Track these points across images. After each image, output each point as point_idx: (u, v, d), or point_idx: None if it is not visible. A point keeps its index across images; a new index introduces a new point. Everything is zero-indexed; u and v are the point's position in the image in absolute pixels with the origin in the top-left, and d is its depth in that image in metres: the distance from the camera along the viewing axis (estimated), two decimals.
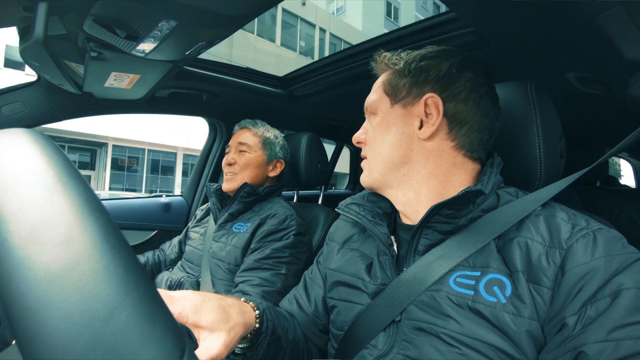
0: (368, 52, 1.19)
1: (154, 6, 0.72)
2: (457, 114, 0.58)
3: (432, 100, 0.59)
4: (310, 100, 1.59)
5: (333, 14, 19.55)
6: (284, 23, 15.21)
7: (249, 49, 13.30)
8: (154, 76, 1.08)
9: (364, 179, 0.66)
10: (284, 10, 15.09)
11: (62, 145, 12.31)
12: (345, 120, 1.97)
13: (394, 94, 0.62)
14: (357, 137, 0.68)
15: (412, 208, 0.62)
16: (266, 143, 1.23)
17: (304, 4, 15.70)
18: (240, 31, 12.88)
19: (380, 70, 0.68)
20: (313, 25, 16.50)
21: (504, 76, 0.79)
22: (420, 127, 0.60)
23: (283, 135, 1.33)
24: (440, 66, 0.60)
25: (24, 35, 0.82)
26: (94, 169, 13.25)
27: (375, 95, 0.65)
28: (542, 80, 0.69)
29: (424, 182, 0.61)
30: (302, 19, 15.88)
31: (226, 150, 1.25)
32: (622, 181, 2.60)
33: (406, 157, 0.60)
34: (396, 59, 0.64)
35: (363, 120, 0.69)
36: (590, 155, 1.66)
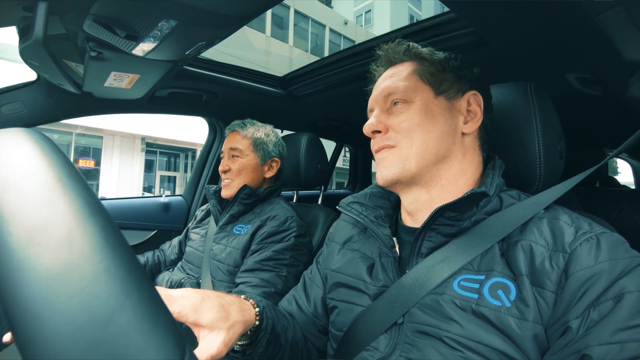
0: (367, 52, 1.19)
1: (154, 6, 0.71)
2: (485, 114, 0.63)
3: (475, 98, 0.62)
4: (310, 100, 1.58)
5: (362, 26, 21.29)
6: (330, 44, 17.48)
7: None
8: (153, 76, 1.08)
9: (392, 170, 0.60)
10: (330, 30, 17.36)
11: (154, 150, 12.11)
12: (345, 120, 1.97)
13: (436, 84, 0.61)
14: (374, 126, 0.62)
15: (420, 211, 0.62)
16: (257, 144, 1.21)
17: (345, 23, 18.09)
18: (302, 52, 14.87)
19: (397, 59, 0.66)
20: (353, 41, 18.76)
21: (503, 76, 0.79)
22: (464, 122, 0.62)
23: (282, 134, 1.32)
24: (471, 68, 0.64)
25: (23, 34, 0.82)
26: (177, 171, 13.55)
27: (409, 82, 0.62)
28: (542, 81, 0.69)
29: (449, 181, 0.60)
30: (345, 37, 18.31)
31: (221, 156, 1.25)
32: (619, 178, 2.60)
33: (449, 151, 0.60)
34: (429, 51, 0.64)
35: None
36: (590, 156, 1.66)
